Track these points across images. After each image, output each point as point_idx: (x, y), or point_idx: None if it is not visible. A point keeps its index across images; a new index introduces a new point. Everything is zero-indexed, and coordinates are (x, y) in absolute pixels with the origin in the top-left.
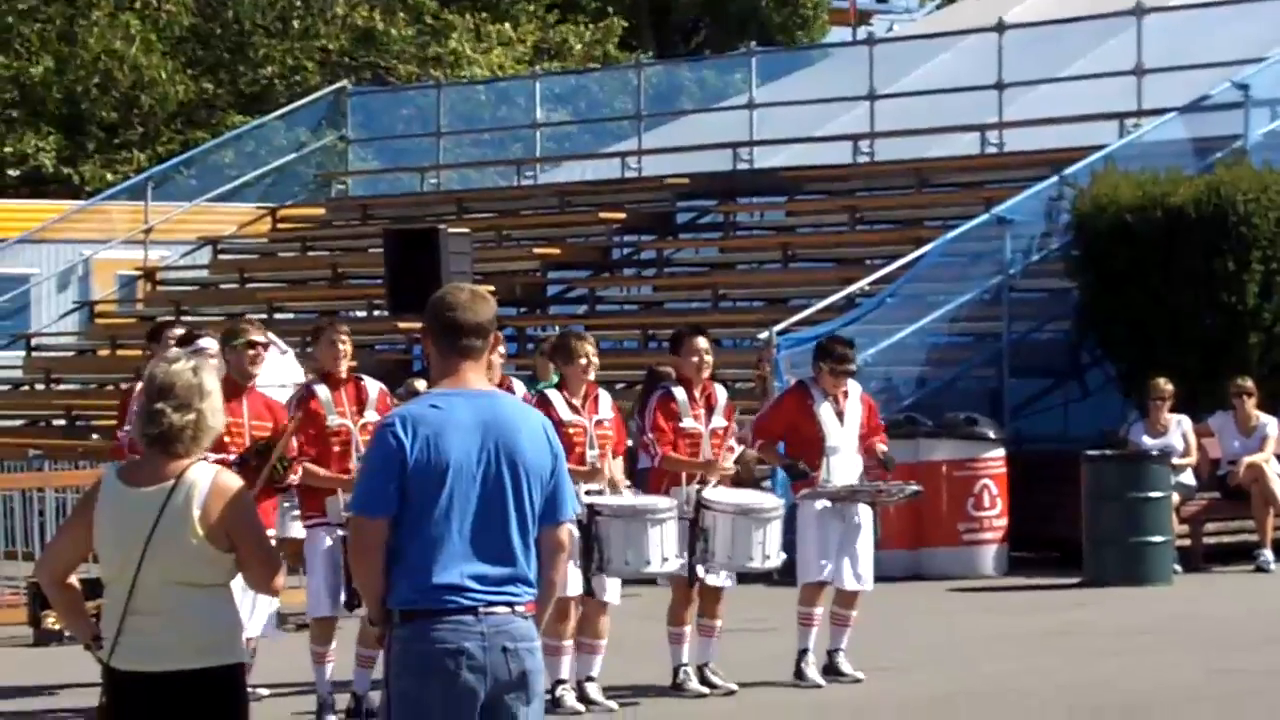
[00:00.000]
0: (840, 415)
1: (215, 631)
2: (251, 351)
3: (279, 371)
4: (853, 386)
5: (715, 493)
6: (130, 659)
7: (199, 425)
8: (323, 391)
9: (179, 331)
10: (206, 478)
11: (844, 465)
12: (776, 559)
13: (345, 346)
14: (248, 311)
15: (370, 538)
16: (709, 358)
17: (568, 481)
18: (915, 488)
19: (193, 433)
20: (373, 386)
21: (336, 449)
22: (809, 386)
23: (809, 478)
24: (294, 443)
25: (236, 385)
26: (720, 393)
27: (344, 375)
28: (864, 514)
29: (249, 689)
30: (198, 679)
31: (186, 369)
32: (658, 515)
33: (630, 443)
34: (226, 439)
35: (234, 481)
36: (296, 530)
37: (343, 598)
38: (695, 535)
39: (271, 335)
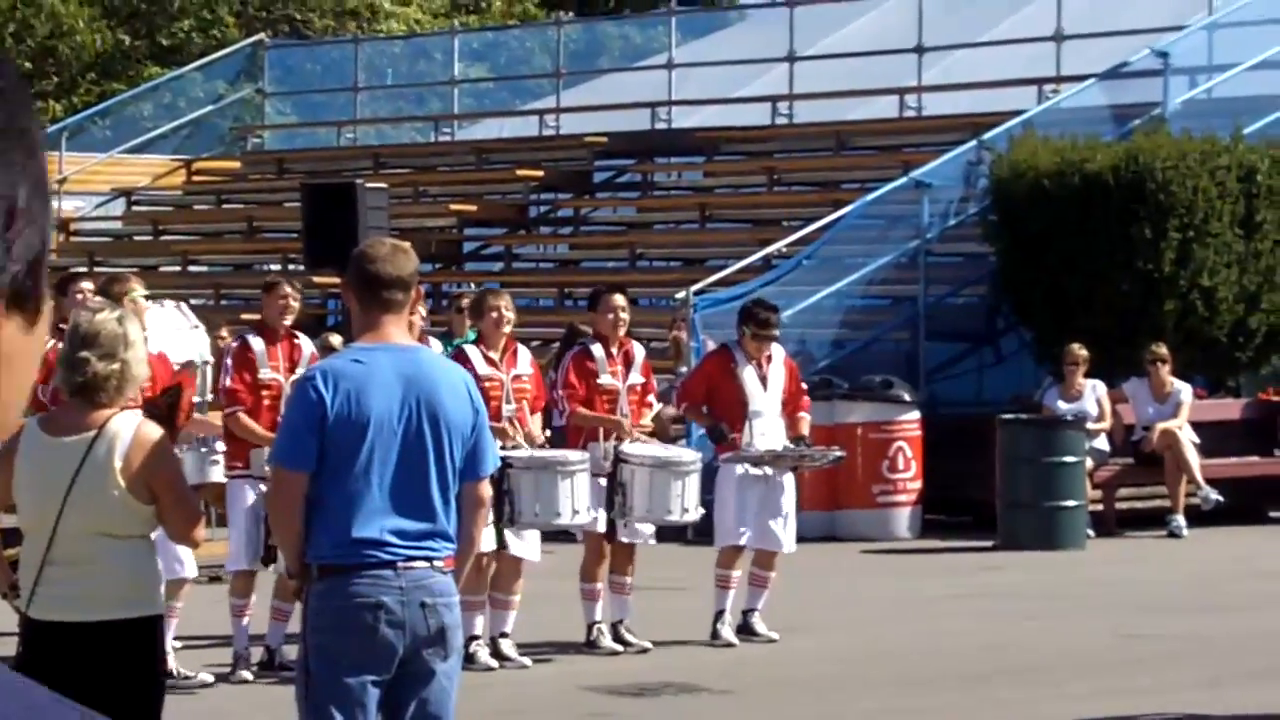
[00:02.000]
0: (763, 379)
1: (134, 583)
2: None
3: (188, 347)
4: (776, 350)
5: (633, 447)
6: (48, 609)
7: (123, 375)
8: (257, 344)
9: (87, 285)
10: (129, 428)
11: (767, 429)
12: (695, 512)
13: (293, 303)
14: (161, 264)
15: (289, 492)
16: (625, 315)
17: (489, 437)
18: (839, 454)
19: (117, 382)
20: (307, 345)
21: (267, 402)
22: (732, 350)
23: (730, 441)
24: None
25: None
26: (638, 350)
27: (282, 331)
28: (787, 476)
29: None
30: (116, 630)
31: (111, 319)
32: (568, 468)
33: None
34: None
35: (156, 432)
36: (216, 475)
37: (261, 553)
38: (613, 489)
39: (184, 308)
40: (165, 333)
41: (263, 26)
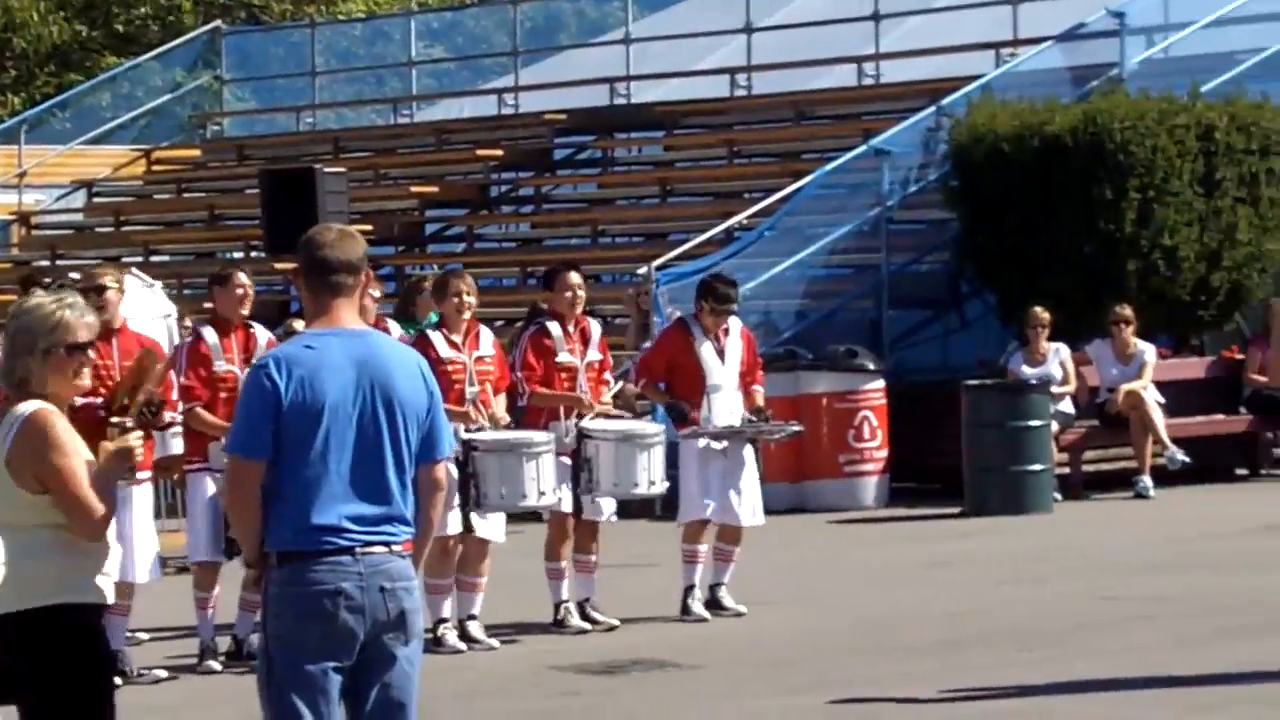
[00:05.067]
0: (721, 353)
1: (26, 575)
2: (98, 298)
3: (149, 304)
4: (733, 323)
5: (596, 422)
6: None
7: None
8: (210, 335)
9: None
10: (24, 414)
11: (725, 403)
12: (661, 485)
13: (250, 292)
14: (123, 255)
15: (246, 480)
16: (582, 293)
17: (444, 420)
18: (796, 427)
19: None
20: (262, 335)
21: (224, 395)
22: (689, 324)
23: (690, 419)
24: (173, 380)
25: (104, 327)
26: (595, 327)
27: (237, 321)
28: (746, 450)
29: (130, 634)
30: (14, 622)
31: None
32: (534, 449)
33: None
34: (94, 382)
35: (47, 419)
36: (177, 446)
37: (223, 545)
38: (579, 466)
39: (135, 271)
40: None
41: (220, 13)
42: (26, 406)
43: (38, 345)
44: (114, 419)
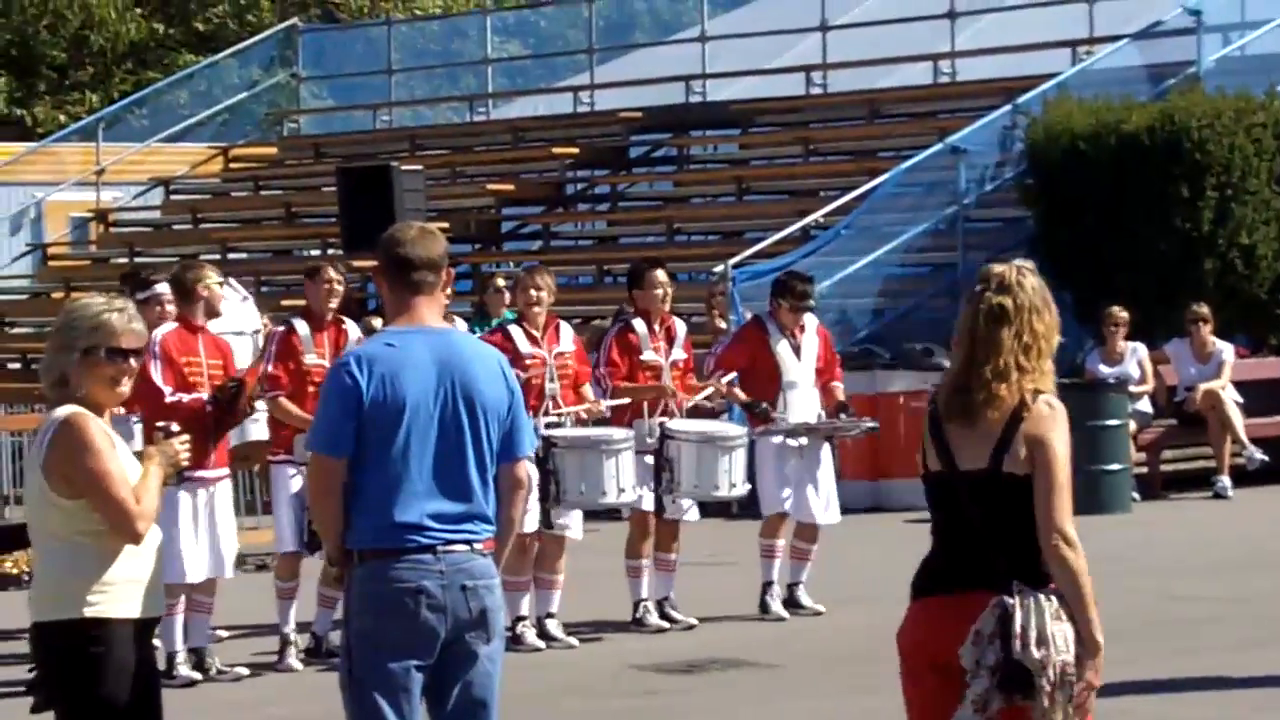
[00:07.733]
0: (797, 350)
1: (59, 584)
2: (216, 292)
3: (238, 318)
4: (809, 320)
5: (678, 422)
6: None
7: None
8: (303, 328)
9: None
10: (57, 420)
11: (801, 400)
12: (742, 487)
13: (337, 287)
14: (201, 252)
15: (329, 477)
16: (669, 290)
17: (525, 417)
18: (871, 424)
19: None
20: (354, 331)
21: (311, 389)
22: (766, 321)
23: (767, 415)
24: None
25: (194, 325)
26: (680, 326)
27: (328, 316)
28: (823, 448)
29: (211, 630)
30: (42, 632)
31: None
32: (613, 446)
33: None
34: (196, 379)
35: (81, 425)
36: (257, 433)
37: (305, 538)
38: (660, 466)
39: (232, 281)
40: (226, 313)
41: (296, 11)
42: (61, 411)
43: (77, 344)
44: (159, 424)
